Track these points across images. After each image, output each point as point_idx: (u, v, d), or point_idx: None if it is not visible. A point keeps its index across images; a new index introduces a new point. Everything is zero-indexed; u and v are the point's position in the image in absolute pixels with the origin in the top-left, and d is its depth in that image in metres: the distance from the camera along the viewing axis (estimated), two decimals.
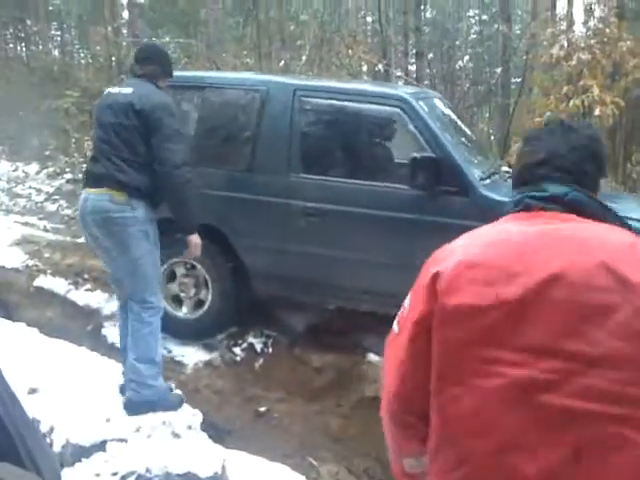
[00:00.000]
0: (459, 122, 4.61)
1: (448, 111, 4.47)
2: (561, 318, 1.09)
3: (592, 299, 1.08)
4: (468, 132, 4.70)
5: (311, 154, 3.98)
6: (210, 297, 4.15)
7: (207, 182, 3.97)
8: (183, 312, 4.24)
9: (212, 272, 4.10)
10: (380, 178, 3.88)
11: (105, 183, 2.96)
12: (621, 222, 1.24)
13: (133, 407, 3.06)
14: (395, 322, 1.33)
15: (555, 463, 1.07)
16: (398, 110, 3.80)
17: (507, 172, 4.30)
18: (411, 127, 3.75)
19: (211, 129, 4.11)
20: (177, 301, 4.26)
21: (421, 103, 3.87)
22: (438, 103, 4.34)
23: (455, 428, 1.17)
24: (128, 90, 3.05)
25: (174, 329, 4.20)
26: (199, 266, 4.13)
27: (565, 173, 1.27)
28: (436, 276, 1.20)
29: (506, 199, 3.32)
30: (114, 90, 3.16)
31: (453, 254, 1.22)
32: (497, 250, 1.18)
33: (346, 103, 3.98)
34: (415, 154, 3.59)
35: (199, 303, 4.23)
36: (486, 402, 1.13)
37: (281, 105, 3.96)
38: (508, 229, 1.23)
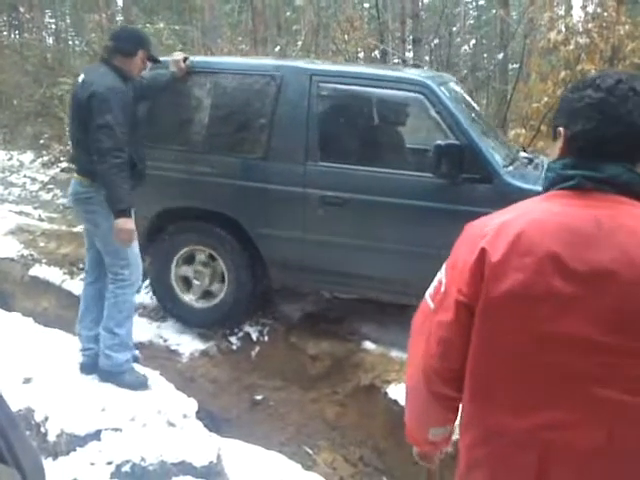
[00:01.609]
0: (476, 107, 4.51)
1: (465, 95, 4.37)
2: (612, 313, 1.10)
3: None
4: (484, 117, 4.61)
5: (329, 141, 3.88)
6: (225, 287, 4.10)
7: (221, 170, 3.92)
8: (189, 298, 4.22)
9: (228, 261, 4.04)
10: (401, 165, 3.81)
11: (76, 169, 3.25)
12: None
13: (85, 369, 3.30)
14: (428, 296, 1.31)
15: (590, 443, 1.12)
16: (419, 96, 3.69)
17: (526, 158, 4.25)
18: (433, 113, 3.66)
19: (225, 116, 4.00)
20: (186, 285, 4.24)
21: (442, 88, 3.77)
22: (455, 87, 4.23)
23: (489, 404, 1.21)
24: (80, 78, 3.20)
25: (181, 314, 4.23)
26: (217, 255, 4.09)
27: (633, 148, 1.18)
28: (483, 254, 1.16)
29: (529, 186, 3.32)
30: (79, 78, 3.26)
31: (502, 233, 1.16)
32: (549, 236, 1.13)
33: (365, 88, 3.87)
34: (439, 141, 3.49)
35: (209, 292, 4.20)
36: (525, 385, 1.16)
37: (297, 91, 3.84)
38: (561, 212, 1.16)
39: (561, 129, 1.24)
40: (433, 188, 3.61)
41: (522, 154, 4.39)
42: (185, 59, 3.92)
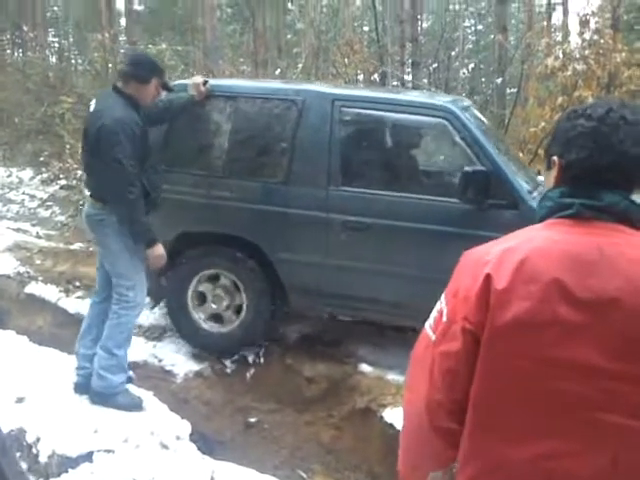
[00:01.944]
0: (494, 131, 4.51)
1: (484, 119, 4.36)
2: (616, 341, 1.10)
3: None
4: (505, 142, 4.60)
5: (351, 166, 3.86)
6: (244, 312, 4.04)
7: (241, 195, 3.89)
8: (213, 325, 4.16)
9: (246, 285, 3.99)
10: (425, 191, 3.78)
11: (90, 193, 3.29)
12: None
13: (79, 389, 3.31)
14: (429, 327, 1.29)
15: (593, 469, 1.12)
16: (444, 121, 3.67)
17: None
18: (457, 139, 3.65)
19: (244, 140, 3.97)
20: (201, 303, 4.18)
21: (466, 114, 3.77)
22: (475, 112, 4.24)
23: (491, 434, 1.20)
24: (92, 106, 3.24)
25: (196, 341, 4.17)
26: (231, 277, 4.04)
27: (627, 177, 1.20)
28: (488, 281, 1.16)
29: None
30: (91, 103, 3.31)
31: (506, 261, 1.17)
32: (553, 263, 1.14)
33: (388, 114, 3.87)
34: (467, 168, 3.47)
35: (230, 316, 4.13)
36: (530, 413, 1.16)
37: (319, 116, 3.82)
38: (563, 239, 1.17)
39: (555, 158, 1.26)
40: (458, 214, 3.59)
41: (540, 178, 4.39)
42: (205, 82, 3.91)
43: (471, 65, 18.91)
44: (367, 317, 4.17)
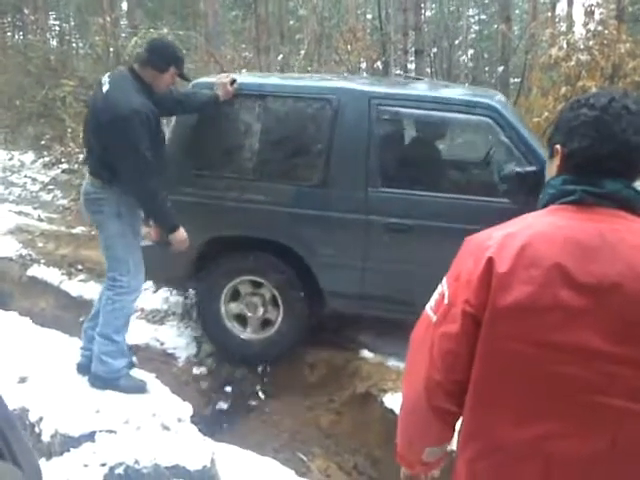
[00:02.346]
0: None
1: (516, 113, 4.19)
2: (616, 325, 1.12)
3: None
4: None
5: (391, 167, 3.70)
6: (280, 318, 3.92)
7: (275, 198, 3.72)
8: (248, 332, 4.02)
9: (283, 291, 3.87)
10: (471, 191, 3.62)
11: (89, 170, 3.22)
12: None
13: (81, 370, 3.28)
14: (429, 309, 1.32)
15: (592, 452, 1.14)
16: (488, 120, 3.54)
17: None
18: (503, 137, 3.52)
19: (277, 142, 3.78)
20: (242, 321, 4.04)
21: (509, 110, 3.64)
22: (509, 105, 4.09)
23: (492, 415, 1.21)
24: (105, 87, 3.08)
25: (235, 349, 4.03)
26: (267, 285, 3.91)
27: (629, 165, 1.21)
28: (490, 264, 1.18)
29: None
30: (103, 80, 3.16)
31: (508, 245, 1.18)
32: (555, 248, 1.15)
33: (429, 112, 3.70)
34: (518, 169, 3.37)
35: (265, 323, 4.01)
36: (530, 395, 1.17)
37: (356, 115, 3.65)
38: (566, 225, 1.19)
39: (558, 147, 1.28)
40: (509, 214, 3.51)
41: None
42: (233, 82, 3.72)
43: (470, 52, 18.76)
44: (409, 320, 4.08)
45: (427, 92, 3.94)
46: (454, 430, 1.35)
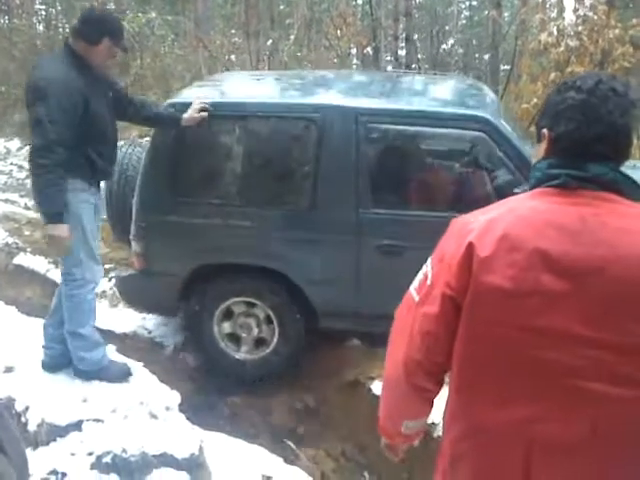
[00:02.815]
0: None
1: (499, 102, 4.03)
2: (597, 309, 1.12)
3: (628, 292, 1.11)
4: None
5: (382, 187, 3.55)
6: (276, 339, 3.82)
7: (262, 223, 3.59)
8: (242, 352, 3.91)
9: (278, 313, 3.77)
10: (468, 209, 3.42)
11: None
12: None
13: (46, 367, 3.21)
14: (413, 289, 1.34)
15: (573, 435, 1.15)
16: (482, 134, 3.40)
17: None
18: (499, 152, 3.38)
19: (261, 165, 3.63)
20: (235, 340, 3.94)
21: (501, 121, 3.50)
22: (493, 97, 3.97)
23: (474, 397, 1.23)
24: None
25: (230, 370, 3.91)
26: (261, 305, 3.81)
27: (616, 148, 1.20)
28: (471, 248, 1.18)
29: None
30: None
31: (490, 229, 1.19)
32: (537, 233, 1.15)
33: (419, 128, 3.56)
34: (516, 189, 3.08)
35: (260, 342, 3.91)
36: (511, 378, 1.18)
37: (343, 134, 3.48)
38: (547, 209, 1.19)
39: (545, 131, 1.27)
40: None
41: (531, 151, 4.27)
42: (203, 109, 3.48)
43: (454, 37, 18.61)
44: None
45: (417, 106, 3.72)
46: (432, 405, 1.38)
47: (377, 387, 3.42)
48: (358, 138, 3.48)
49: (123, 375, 3.19)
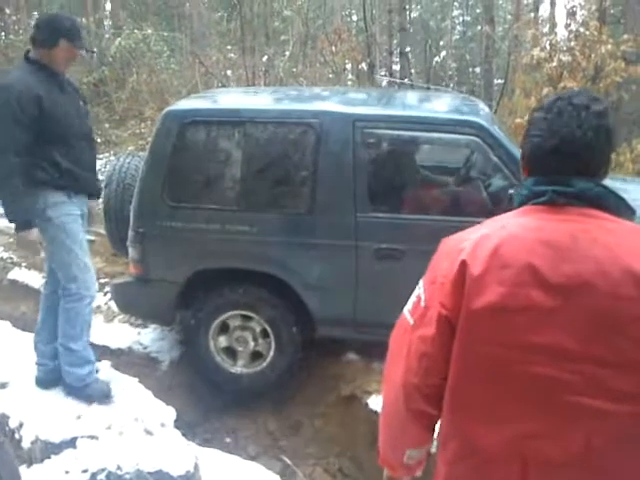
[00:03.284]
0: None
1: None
2: (588, 325, 1.12)
3: (618, 308, 1.11)
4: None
5: (380, 191, 3.59)
6: (272, 352, 3.79)
7: (261, 228, 3.60)
8: (239, 366, 3.87)
9: (275, 327, 3.75)
10: (464, 212, 3.49)
11: None
12: (633, 213, 1.24)
13: (40, 384, 3.21)
14: (407, 312, 1.33)
15: (567, 452, 1.14)
16: (476, 139, 3.45)
17: None
18: (492, 156, 3.43)
19: (260, 170, 3.63)
20: (231, 354, 3.90)
21: (495, 127, 3.56)
22: (494, 117, 4.01)
23: (469, 417, 1.22)
24: None
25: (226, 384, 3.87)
26: (257, 319, 3.78)
27: (579, 159, 1.21)
28: (464, 267, 1.18)
29: None
30: None
31: (481, 247, 1.19)
32: (527, 249, 1.16)
33: (415, 133, 3.61)
34: (511, 191, 3.15)
35: (256, 355, 3.87)
36: (505, 396, 1.18)
37: (340, 139, 3.54)
38: (537, 226, 1.19)
39: (520, 150, 1.32)
40: None
41: None
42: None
43: (445, 52, 18.75)
44: None
45: (412, 112, 3.81)
46: (433, 432, 1.36)
47: (374, 402, 3.41)
48: (355, 143, 3.54)
49: (102, 397, 3.12)
